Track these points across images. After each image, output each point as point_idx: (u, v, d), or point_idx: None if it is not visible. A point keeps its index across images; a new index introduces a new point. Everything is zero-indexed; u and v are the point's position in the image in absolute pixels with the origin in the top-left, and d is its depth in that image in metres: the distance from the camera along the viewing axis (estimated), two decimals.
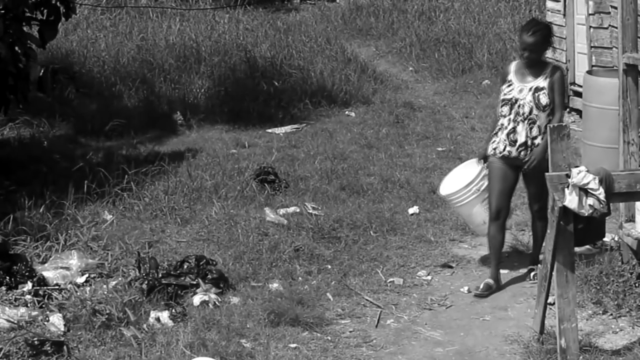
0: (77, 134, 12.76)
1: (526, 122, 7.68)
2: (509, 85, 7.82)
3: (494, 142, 7.86)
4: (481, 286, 7.88)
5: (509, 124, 7.75)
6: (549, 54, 8.84)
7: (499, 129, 7.82)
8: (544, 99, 7.66)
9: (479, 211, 8.15)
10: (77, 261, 7.91)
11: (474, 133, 12.82)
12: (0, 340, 6.63)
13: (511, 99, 7.74)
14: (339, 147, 12.11)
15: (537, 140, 7.66)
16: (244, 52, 16.17)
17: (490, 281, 7.90)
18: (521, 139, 7.69)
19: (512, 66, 7.96)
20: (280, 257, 8.39)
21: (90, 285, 7.62)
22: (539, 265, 7.54)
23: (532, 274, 8.00)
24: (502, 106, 7.81)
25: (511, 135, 7.73)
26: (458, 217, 9.03)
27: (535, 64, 7.75)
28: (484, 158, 8.06)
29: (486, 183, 8.04)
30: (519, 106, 7.70)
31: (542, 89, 7.68)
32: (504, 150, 7.77)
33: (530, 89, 7.71)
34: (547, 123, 7.43)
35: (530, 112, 7.67)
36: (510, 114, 7.74)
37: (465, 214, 8.38)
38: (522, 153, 7.71)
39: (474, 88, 15.51)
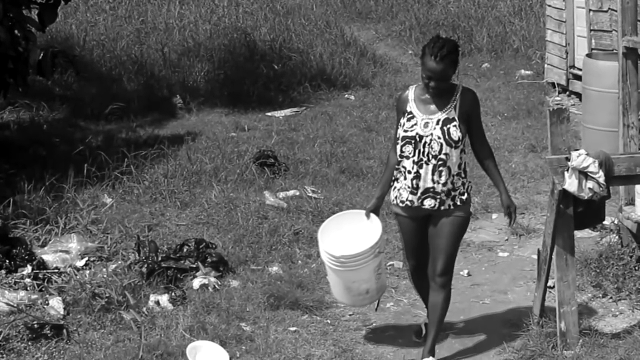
0: (77, 117, 12.75)
1: (433, 162, 6.17)
2: (409, 119, 6.23)
3: (394, 188, 6.36)
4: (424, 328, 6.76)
5: (412, 166, 6.21)
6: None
7: (400, 172, 6.30)
8: (455, 133, 6.14)
9: (370, 278, 6.56)
10: (77, 244, 7.90)
11: None
12: (0, 324, 6.63)
13: (414, 136, 6.18)
14: (339, 130, 12.10)
15: (447, 187, 6.19)
16: (244, 36, 16.13)
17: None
18: (426, 184, 6.20)
19: (410, 92, 6.33)
20: (280, 241, 8.40)
21: (90, 268, 7.62)
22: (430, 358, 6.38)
23: None
24: (403, 145, 6.23)
25: (415, 181, 6.22)
26: (330, 284, 6.90)
27: (441, 92, 6.23)
28: (375, 211, 6.56)
29: (384, 245, 6.85)
30: (424, 144, 6.17)
31: (452, 120, 6.16)
32: (406, 199, 6.27)
33: (438, 121, 6.16)
34: (461, 162, 6.21)
35: (440, 151, 6.14)
36: (414, 154, 6.20)
37: (350, 279, 6.56)
38: (427, 202, 6.22)
39: (473, 71, 15.48)
